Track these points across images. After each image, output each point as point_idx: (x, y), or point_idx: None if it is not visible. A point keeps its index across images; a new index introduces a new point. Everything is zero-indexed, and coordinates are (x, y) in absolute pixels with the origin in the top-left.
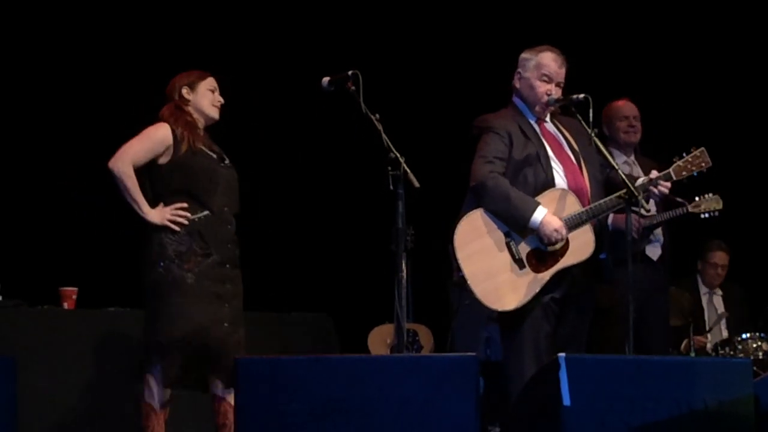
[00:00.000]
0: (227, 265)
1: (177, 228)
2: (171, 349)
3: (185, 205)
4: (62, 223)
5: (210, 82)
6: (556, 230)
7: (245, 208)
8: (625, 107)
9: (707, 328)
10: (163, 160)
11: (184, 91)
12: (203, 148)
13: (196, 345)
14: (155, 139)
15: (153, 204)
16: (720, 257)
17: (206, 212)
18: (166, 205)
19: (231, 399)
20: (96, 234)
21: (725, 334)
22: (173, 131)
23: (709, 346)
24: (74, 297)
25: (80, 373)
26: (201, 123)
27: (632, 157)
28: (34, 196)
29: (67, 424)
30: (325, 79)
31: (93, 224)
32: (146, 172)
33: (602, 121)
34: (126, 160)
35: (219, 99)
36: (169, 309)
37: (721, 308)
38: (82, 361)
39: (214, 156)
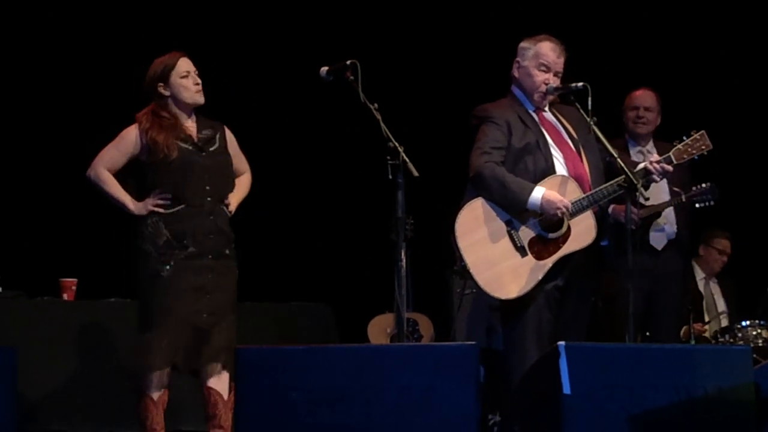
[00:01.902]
0: (209, 256)
1: (162, 211)
2: (158, 341)
3: (166, 194)
4: (62, 214)
5: (181, 67)
6: (558, 208)
7: (245, 200)
8: (638, 97)
9: (705, 318)
10: (143, 158)
11: (160, 88)
12: (177, 142)
13: (179, 335)
14: (125, 141)
15: (140, 200)
16: (725, 244)
17: (181, 206)
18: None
19: (219, 387)
20: (95, 225)
21: (724, 322)
22: (142, 133)
23: (707, 333)
24: (74, 288)
25: (80, 364)
26: (185, 115)
27: (648, 146)
28: (34, 188)
29: (66, 414)
30: (324, 69)
31: (92, 215)
32: (132, 171)
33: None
34: (99, 166)
35: (196, 81)
36: (150, 302)
37: (718, 294)
38: (81, 352)
39: (190, 147)
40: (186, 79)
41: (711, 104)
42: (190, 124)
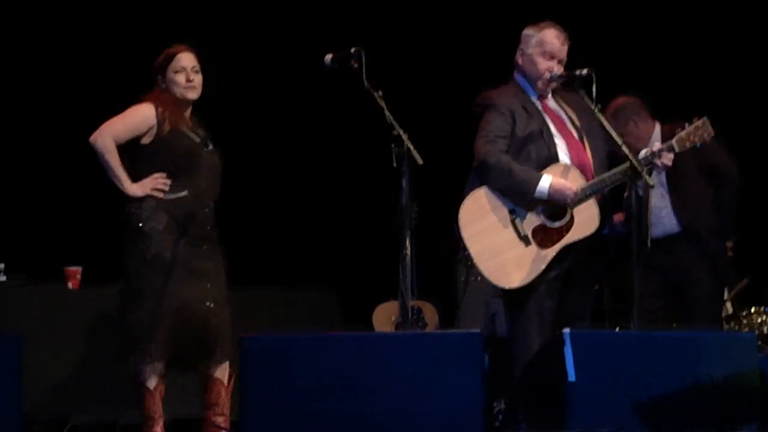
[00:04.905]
0: (204, 246)
1: (161, 195)
2: (158, 327)
3: (164, 174)
4: (66, 201)
5: (177, 63)
6: (567, 195)
7: (250, 186)
8: None
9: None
10: (146, 140)
11: (159, 79)
12: (185, 130)
13: (181, 322)
14: (138, 117)
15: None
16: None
17: (185, 192)
18: None
19: (220, 375)
20: (100, 213)
21: (729, 309)
22: (156, 111)
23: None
24: (79, 276)
25: (85, 352)
26: (183, 106)
27: None
28: (38, 175)
29: (72, 401)
30: (328, 56)
31: (97, 203)
32: (128, 151)
33: None
34: (107, 136)
35: (188, 77)
36: (152, 287)
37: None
38: (86, 340)
39: (197, 140)
40: (179, 75)
41: (713, 91)
42: (191, 119)
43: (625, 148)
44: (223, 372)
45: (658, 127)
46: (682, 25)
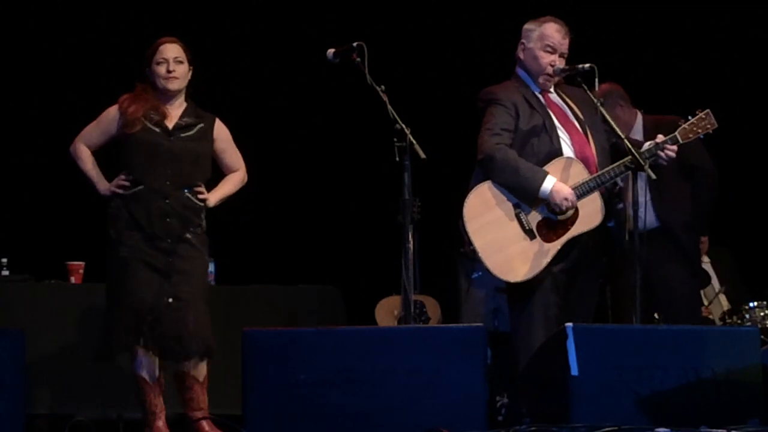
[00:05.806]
0: (168, 240)
1: (121, 191)
2: (121, 322)
3: (126, 171)
4: (69, 197)
5: (159, 54)
6: (566, 198)
7: (252, 182)
8: None
9: (704, 301)
10: (119, 139)
11: (147, 71)
12: (146, 122)
13: (142, 316)
14: (105, 119)
15: None
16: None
17: (140, 187)
18: None
19: (193, 371)
20: (102, 208)
21: (725, 304)
22: (120, 109)
23: (712, 315)
24: (81, 271)
25: (87, 347)
26: (166, 99)
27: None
28: (41, 171)
29: (74, 397)
30: (330, 51)
31: (100, 198)
32: (116, 149)
33: None
34: (79, 142)
35: (169, 68)
36: (113, 285)
37: (711, 274)
38: (88, 335)
39: (158, 130)
40: (160, 66)
41: (712, 90)
42: (172, 110)
43: (626, 142)
44: (194, 368)
45: (640, 116)
46: (682, 24)
